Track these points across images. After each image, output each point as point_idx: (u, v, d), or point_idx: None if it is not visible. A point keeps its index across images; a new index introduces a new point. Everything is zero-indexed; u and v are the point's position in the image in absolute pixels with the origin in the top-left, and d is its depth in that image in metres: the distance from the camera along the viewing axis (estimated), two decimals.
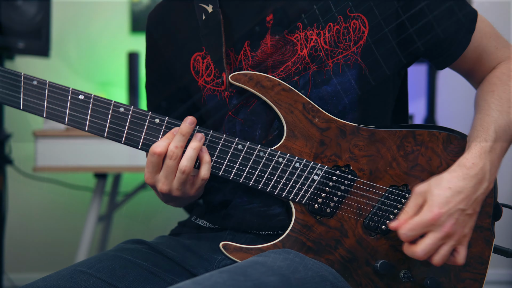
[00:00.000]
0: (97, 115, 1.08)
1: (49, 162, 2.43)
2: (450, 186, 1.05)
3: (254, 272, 0.95)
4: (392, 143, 1.14)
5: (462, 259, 1.08)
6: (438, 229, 1.04)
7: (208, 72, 1.22)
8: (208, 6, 1.20)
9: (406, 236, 1.05)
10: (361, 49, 1.16)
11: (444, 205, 1.04)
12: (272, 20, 1.19)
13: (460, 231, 1.06)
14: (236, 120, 1.20)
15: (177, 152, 1.06)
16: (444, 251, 1.06)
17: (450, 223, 1.04)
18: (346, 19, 1.16)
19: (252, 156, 1.12)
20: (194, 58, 1.24)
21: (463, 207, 1.05)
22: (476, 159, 1.08)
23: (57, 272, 1.11)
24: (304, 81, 1.16)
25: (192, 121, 1.08)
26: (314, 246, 1.13)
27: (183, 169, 1.07)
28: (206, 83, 1.23)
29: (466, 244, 1.08)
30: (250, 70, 1.18)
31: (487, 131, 1.12)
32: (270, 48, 1.18)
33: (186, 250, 1.23)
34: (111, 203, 2.90)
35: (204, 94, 1.24)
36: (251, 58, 1.19)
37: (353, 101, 1.17)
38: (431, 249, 1.05)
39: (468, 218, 1.07)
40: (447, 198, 1.04)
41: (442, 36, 1.18)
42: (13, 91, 1.05)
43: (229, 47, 1.20)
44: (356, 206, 1.14)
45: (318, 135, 1.13)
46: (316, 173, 1.13)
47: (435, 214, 1.03)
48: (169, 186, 1.09)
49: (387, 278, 1.14)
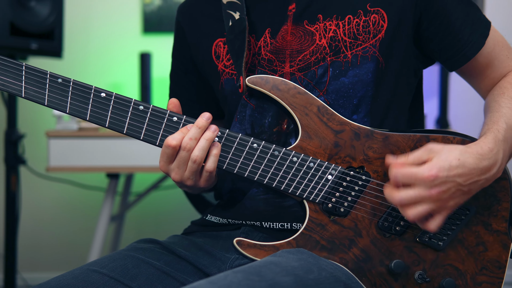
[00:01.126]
0: (117, 112, 1.12)
1: (61, 162, 2.45)
2: (459, 158, 1.04)
3: (268, 272, 0.95)
4: (406, 146, 1.14)
5: (434, 227, 1.06)
6: (426, 189, 1.02)
7: (228, 57, 1.26)
8: (235, 13, 1.25)
9: (395, 179, 1.04)
10: (379, 43, 1.17)
11: (444, 171, 1.02)
12: (294, 9, 1.22)
13: (445, 201, 1.04)
14: (248, 104, 1.22)
15: (191, 144, 1.09)
16: (421, 209, 1.04)
17: (440, 189, 1.03)
18: (366, 13, 1.18)
19: (266, 155, 1.13)
20: (216, 43, 1.29)
21: (461, 182, 1.04)
22: (491, 144, 1.08)
23: (70, 272, 1.12)
24: (323, 71, 1.18)
25: (208, 117, 1.11)
26: (328, 245, 1.13)
27: (195, 158, 1.09)
28: (225, 67, 1.26)
29: (444, 215, 1.06)
30: (268, 55, 1.21)
31: (497, 123, 1.12)
32: (289, 36, 1.20)
33: (199, 250, 1.23)
34: (123, 203, 2.91)
35: (222, 78, 1.27)
36: (270, 45, 1.22)
37: (368, 94, 1.18)
38: (410, 201, 1.03)
39: (459, 193, 1.05)
40: (450, 166, 1.03)
41: (457, 37, 1.20)
42: (39, 87, 1.10)
43: (250, 33, 1.24)
44: (370, 207, 1.14)
45: (332, 137, 1.14)
46: (330, 173, 1.13)
47: (431, 174, 1.02)
48: (181, 176, 1.12)
49: (401, 278, 1.13)
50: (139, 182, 3.10)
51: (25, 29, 2.46)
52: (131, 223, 3.18)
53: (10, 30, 2.40)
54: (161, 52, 3.05)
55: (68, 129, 2.49)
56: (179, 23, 1.38)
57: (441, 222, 1.07)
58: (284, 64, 1.20)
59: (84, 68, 3.18)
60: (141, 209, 3.17)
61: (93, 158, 2.44)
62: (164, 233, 1.86)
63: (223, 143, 1.13)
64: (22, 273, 3.10)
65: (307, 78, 1.18)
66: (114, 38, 3.20)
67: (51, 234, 3.25)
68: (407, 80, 1.23)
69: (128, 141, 2.39)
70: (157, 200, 3.18)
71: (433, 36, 1.20)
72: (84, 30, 3.18)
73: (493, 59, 1.23)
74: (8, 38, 2.40)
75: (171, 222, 3.18)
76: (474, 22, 1.20)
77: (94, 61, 3.19)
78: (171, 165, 1.12)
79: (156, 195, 3.14)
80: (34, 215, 3.20)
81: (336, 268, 1.08)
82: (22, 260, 3.07)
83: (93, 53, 3.19)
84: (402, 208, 1.06)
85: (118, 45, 3.20)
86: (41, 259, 3.25)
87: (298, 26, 1.21)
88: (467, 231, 1.15)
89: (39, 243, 3.24)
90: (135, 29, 3.19)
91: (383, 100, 1.19)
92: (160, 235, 1.47)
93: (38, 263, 3.25)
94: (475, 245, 1.15)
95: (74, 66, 3.13)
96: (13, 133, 2.58)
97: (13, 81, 1.09)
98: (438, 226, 1.07)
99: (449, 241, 1.14)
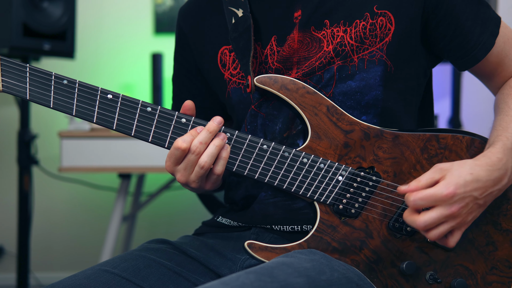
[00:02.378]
0: (125, 114, 1.09)
1: (74, 163, 2.46)
2: (471, 172, 1.04)
3: (280, 273, 0.95)
4: (415, 146, 1.14)
5: (453, 243, 1.06)
6: (447, 207, 1.02)
7: (235, 66, 1.24)
8: (238, 10, 1.22)
9: (415, 204, 1.02)
10: (387, 46, 1.16)
11: (461, 187, 1.02)
12: (300, 16, 1.19)
13: (464, 216, 1.04)
14: (258, 114, 1.21)
15: (201, 148, 1.08)
16: (443, 229, 1.03)
17: (460, 205, 1.02)
18: (373, 15, 1.16)
19: (277, 156, 1.12)
20: (222, 51, 1.26)
21: (477, 196, 1.04)
22: (500, 154, 1.07)
23: (82, 272, 1.12)
24: (329, 76, 1.16)
25: (220, 121, 1.09)
26: (339, 246, 1.12)
27: (203, 164, 1.08)
28: (232, 76, 1.24)
29: (463, 230, 1.06)
30: (276, 64, 1.19)
31: (507, 130, 1.11)
32: (296, 44, 1.18)
33: (210, 250, 1.23)
34: (135, 203, 2.92)
35: (229, 87, 1.25)
36: (277, 53, 1.20)
37: (377, 98, 1.17)
38: (433, 223, 1.02)
39: (476, 207, 1.05)
40: (466, 181, 1.02)
41: (466, 38, 1.18)
42: (44, 90, 1.08)
43: (256, 41, 1.21)
44: (381, 207, 1.13)
45: (342, 137, 1.13)
46: (341, 174, 1.13)
47: (450, 191, 1.01)
48: (186, 178, 1.10)
49: (413, 279, 1.13)
50: (150, 182, 3.11)
51: (38, 30, 2.48)
52: (142, 223, 3.19)
53: (23, 31, 2.43)
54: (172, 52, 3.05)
55: (80, 129, 2.51)
56: (181, 27, 1.35)
57: (459, 238, 1.06)
58: (291, 71, 1.19)
59: (96, 69, 3.19)
60: (152, 209, 3.18)
61: (105, 159, 2.46)
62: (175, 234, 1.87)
63: (233, 145, 1.12)
64: (34, 273, 3.12)
65: (313, 82, 1.17)
66: (126, 39, 3.21)
67: (63, 234, 3.27)
68: (416, 82, 1.21)
69: (140, 142, 2.39)
70: (169, 200, 3.19)
71: (441, 36, 1.18)
72: (96, 31, 3.19)
73: (504, 57, 1.22)
74: (21, 39, 2.42)
75: (182, 223, 3.19)
76: (484, 21, 1.18)
77: (106, 62, 3.21)
78: (178, 166, 1.10)
79: (168, 196, 3.15)
80: (47, 215, 3.21)
81: (348, 269, 1.08)
82: (34, 260, 3.09)
83: (105, 54, 3.21)
84: (425, 232, 1.05)
85: (130, 45, 3.21)
86: (53, 259, 3.27)
87: (305, 33, 1.18)
88: (477, 231, 1.15)
89: (52, 243, 3.26)
90: (147, 29, 3.20)
91: (392, 103, 1.18)
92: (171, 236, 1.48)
93: (50, 263, 3.26)
94: (485, 245, 1.15)
95: (86, 67, 3.15)
96: (26, 133, 2.60)
97: (18, 83, 1.07)
98: (456, 242, 1.07)
99: (460, 241, 1.14)
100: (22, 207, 2.64)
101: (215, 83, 1.30)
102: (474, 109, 2.99)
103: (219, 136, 1.09)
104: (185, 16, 1.35)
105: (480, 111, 2.88)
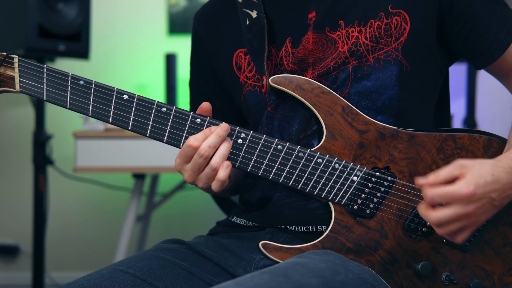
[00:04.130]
0: (140, 114, 1.10)
1: (88, 163, 2.47)
2: (493, 174, 1.03)
3: (295, 273, 0.95)
4: (431, 146, 1.13)
5: (462, 240, 1.05)
6: (463, 207, 1.01)
7: (250, 68, 1.24)
8: (252, 11, 1.22)
9: (432, 199, 1.01)
10: (402, 46, 1.15)
11: (481, 187, 1.01)
12: (315, 17, 1.19)
13: (478, 216, 1.03)
14: (274, 116, 1.21)
15: (209, 152, 1.07)
16: (455, 226, 1.03)
17: (476, 205, 1.01)
18: (388, 15, 1.15)
19: (291, 156, 1.12)
20: (237, 54, 1.27)
21: (495, 197, 1.03)
22: None
23: (98, 271, 1.13)
24: (345, 76, 1.16)
25: (227, 128, 1.10)
26: (354, 247, 1.12)
27: (215, 166, 1.08)
28: (248, 78, 1.25)
29: (473, 229, 1.05)
30: (291, 66, 1.19)
31: None
32: (311, 45, 1.18)
33: (225, 250, 1.23)
34: (149, 203, 2.93)
35: (244, 90, 1.26)
36: (292, 55, 1.20)
37: (393, 98, 1.16)
38: (447, 221, 1.02)
39: (492, 208, 1.04)
40: (486, 182, 1.01)
41: (483, 37, 1.17)
42: (60, 90, 1.08)
43: (270, 43, 1.21)
44: (396, 208, 1.13)
45: (357, 137, 1.13)
46: (356, 174, 1.12)
47: (470, 191, 1.00)
48: (194, 179, 1.11)
49: (428, 280, 1.12)
50: (164, 182, 3.12)
51: (53, 31, 2.49)
52: (156, 223, 3.20)
53: (38, 32, 2.44)
54: (186, 53, 3.02)
55: (95, 130, 2.52)
56: (196, 32, 1.36)
57: (469, 236, 1.06)
58: (306, 72, 1.19)
59: (110, 69, 3.21)
60: (166, 209, 3.19)
61: (119, 159, 2.47)
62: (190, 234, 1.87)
63: (248, 145, 1.11)
64: (50, 272, 3.13)
65: (328, 82, 1.17)
66: (140, 39, 3.22)
67: (78, 234, 3.29)
68: (433, 81, 1.21)
69: (154, 142, 2.40)
70: (183, 200, 3.19)
71: (457, 35, 1.17)
72: (110, 32, 3.21)
73: None
74: (36, 40, 2.44)
75: (197, 223, 3.19)
76: (501, 19, 1.17)
77: (120, 62, 3.22)
78: (186, 165, 1.10)
79: (182, 196, 3.16)
80: (62, 214, 3.23)
81: (363, 269, 1.07)
82: (50, 259, 3.11)
83: (119, 55, 3.22)
84: (435, 227, 1.04)
85: (144, 46, 3.22)
86: (68, 259, 3.29)
87: (320, 34, 1.18)
88: (493, 231, 1.14)
89: (66, 243, 3.28)
90: (161, 30, 3.21)
91: (408, 102, 1.17)
92: (185, 236, 1.48)
93: (65, 263, 3.28)
94: (502, 246, 1.14)
95: (101, 67, 3.16)
96: (41, 134, 2.62)
97: (35, 84, 1.08)
98: (465, 239, 1.06)
99: (476, 242, 1.13)
100: (37, 207, 2.66)
101: (231, 86, 1.30)
102: (489, 108, 2.97)
103: (227, 140, 1.10)
104: (200, 20, 1.36)
105: (495, 110, 2.86)
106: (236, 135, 1.11)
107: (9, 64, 1.08)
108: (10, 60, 1.08)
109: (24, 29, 2.42)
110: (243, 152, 1.12)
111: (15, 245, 3.28)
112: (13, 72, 1.08)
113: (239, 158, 1.12)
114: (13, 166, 3.25)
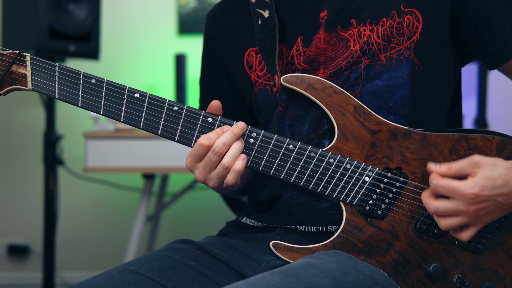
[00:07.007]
0: (152, 113, 1.10)
1: (99, 163, 2.48)
2: (504, 178, 1.02)
3: (306, 274, 0.95)
4: (444, 146, 1.12)
5: (467, 237, 1.05)
6: (465, 204, 1.01)
7: (261, 67, 1.24)
8: (264, 11, 1.23)
9: (435, 189, 1.03)
10: (414, 45, 1.14)
11: (487, 190, 1.00)
12: (326, 16, 1.19)
13: (482, 216, 1.03)
14: (285, 115, 1.21)
15: (223, 149, 1.07)
16: (456, 221, 1.03)
17: (479, 206, 1.01)
18: (400, 14, 1.15)
19: (303, 156, 1.11)
20: (248, 53, 1.27)
21: (502, 201, 1.02)
22: None
23: (108, 271, 1.13)
24: (356, 75, 1.16)
25: (244, 126, 1.09)
26: (365, 248, 1.11)
27: (227, 165, 1.08)
28: (259, 77, 1.25)
29: (479, 227, 1.05)
30: (302, 65, 1.19)
31: None
32: (323, 44, 1.18)
33: (234, 251, 1.23)
34: (159, 204, 2.93)
35: (256, 89, 1.26)
36: (303, 54, 1.19)
37: (405, 97, 1.15)
38: (445, 213, 1.02)
39: (498, 211, 1.04)
40: (494, 185, 1.01)
41: (496, 36, 1.16)
42: (72, 88, 1.09)
43: (282, 42, 1.21)
44: (408, 209, 1.12)
45: (369, 137, 1.12)
46: (367, 175, 1.11)
47: (473, 192, 1.00)
48: (205, 177, 1.10)
49: (439, 282, 1.11)
50: (174, 182, 3.12)
51: (64, 32, 2.50)
52: (166, 224, 3.21)
53: (49, 33, 2.46)
54: (196, 53, 3.06)
55: (105, 130, 2.52)
56: (209, 31, 1.36)
57: (474, 234, 1.05)
58: (318, 72, 1.18)
59: (120, 70, 3.22)
60: (176, 209, 3.20)
61: (129, 159, 2.47)
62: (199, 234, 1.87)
63: (259, 144, 1.11)
64: (60, 272, 3.15)
65: (340, 81, 1.17)
66: (150, 40, 3.23)
67: (88, 234, 3.30)
68: (446, 81, 1.20)
69: (164, 142, 2.40)
70: (192, 200, 3.20)
71: (471, 34, 1.16)
72: (120, 32, 3.22)
73: None
74: (47, 40, 2.45)
75: (206, 223, 3.19)
76: None
77: (130, 63, 3.23)
78: (198, 163, 1.10)
79: (192, 196, 3.16)
80: (72, 214, 3.25)
81: (374, 270, 1.07)
82: (60, 259, 3.12)
83: (129, 55, 3.23)
84: (438, 219, 1.05)
85: (154, 46, 3.23)
86: (78, 258, 3.30)
87: (331, 33, 1.18)
88: (506, 234, 1.13)
89: (77, 242, 3.29)
90: (171, 30, 3.22)
91: (420, 102, 1.17)
92: (195, 236, 1.48)
93: (75, 262, 3.30)
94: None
95: (111, 68, 3.17)
96: (51, 134, 2.63)
97: (47, 82, 1.08)
98: (470, 237, 1.05)
99: (488, 244, 1.12)
100: (48, 207, 2.67)
101: (242, 85, 1.30)
102: (500, 109, 2.95)
103: (240, 139, 1.09)
104: (212, 19, 1.36)
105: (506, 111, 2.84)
106: (248, 134, 1.11)
107: (21, 62, 1.09)
108: (22, 58, 1.09)
109: (34, 29, 2.43)
110: (255, 152, 1.11)
111: (26, 245, 3.30)
112: (25, 70, 1.09)
113: (251, 157, 1.11)
114: (23, 167, 3.27)
